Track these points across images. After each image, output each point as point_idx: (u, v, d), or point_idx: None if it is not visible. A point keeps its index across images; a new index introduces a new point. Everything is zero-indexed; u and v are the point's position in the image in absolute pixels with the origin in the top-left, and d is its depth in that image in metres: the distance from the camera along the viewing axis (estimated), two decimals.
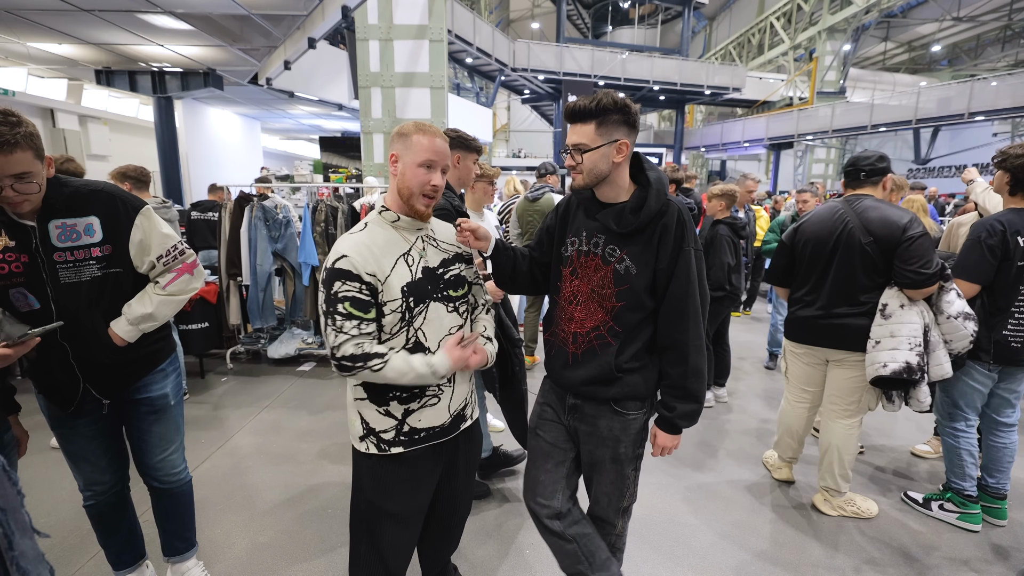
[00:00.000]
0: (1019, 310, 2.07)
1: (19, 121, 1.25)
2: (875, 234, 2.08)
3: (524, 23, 25.36)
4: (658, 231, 1.33)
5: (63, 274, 1.42)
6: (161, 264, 1.58)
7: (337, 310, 1.21)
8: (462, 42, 12.33)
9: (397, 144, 1.31)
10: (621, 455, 1.47)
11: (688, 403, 1.39)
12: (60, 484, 2.51)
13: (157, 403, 1.66)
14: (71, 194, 1.43)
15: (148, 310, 1.54)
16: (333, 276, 1.23)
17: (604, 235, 1.38)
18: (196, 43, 6.11)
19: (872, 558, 2.10)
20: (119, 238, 1.49)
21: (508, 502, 2.45)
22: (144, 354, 1.61)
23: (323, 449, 2.96)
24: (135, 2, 4.71)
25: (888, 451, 3.00)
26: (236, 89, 8.46)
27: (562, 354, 1.47)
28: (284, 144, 17.09)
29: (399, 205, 1.33)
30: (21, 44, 6.20)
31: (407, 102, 8.00)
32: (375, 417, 1.33)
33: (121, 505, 1.75)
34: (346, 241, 1.27)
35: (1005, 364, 2.13)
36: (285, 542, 2.17)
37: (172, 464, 1.74)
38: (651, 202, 1.33)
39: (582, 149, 1.33)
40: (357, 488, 1.40)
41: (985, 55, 21.36)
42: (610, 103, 1.29)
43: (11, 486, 0.87)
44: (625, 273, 1.35)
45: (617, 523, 1.57)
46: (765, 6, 22.24)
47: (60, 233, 1.41)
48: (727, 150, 21.68)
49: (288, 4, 4.98)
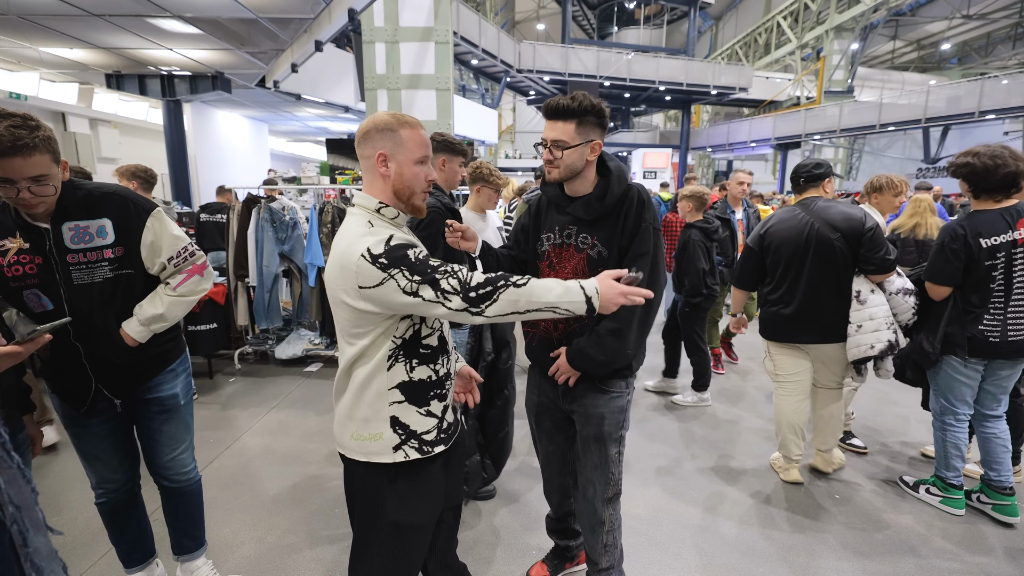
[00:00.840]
0: (994, 306, 2.16)
1: (38, 125, 1.28)
2: (840, 229, 2.33)
3: (529, 24, 25.40)
4: (623, 212, 1.46)
5: (76, 275, 1.44)
6: (172, 265, 1.60)
7: (429, 263, 1.10)
8: (468, 44, 12.37)
9: (381, 140, 1.18)
10: (604, 433, 1.57)
11: (596, 351, 1.46)
12: (72, 483, 2.54)
13: (167, 403, 1.68)
14: (84, 196, 1.46)
15: (159, 311, 1.56)
16: (397, 250, 1.09)
17: (575, 226, 1.51)
18: (205, 47, 6.18)
19: (882, 565, 2.08)
20: (131, 240, 1.52)
21: (515, 503, 2.45)
22: (154, 354, 1.63)
23: (330, 449, 2.97)
24: (145, 7, 4.77)
25: (897, 450, 2.97)
26: (244, 92, 8.54)
27: (545, 342, 1.60)
28: (291, 146, 17.22)
29: (396, 204, 1.23)
30: (33, 49, 6.29)
31: (413, 104, 8.03)
32: (417, 419, 1.22)
33: (132, 503, 1.77)
34: (366, 238, 1.12)
35: (984, 357, 2.22)
36: (293, 541, 2.18)
37: (182, 463, 1.76)
38: (614, 188, 1.46)
39: (561, 146, 1.42)
40: (374, 511, 1.24)
41: (996, 53, 21.13)
42: (589, 105, 1.40)
43: (25, 484, 0.88)
44: (598, 257, 1.47)
45: (606, 518, 1.63)
46: (772, 5, 22.13)
47: (74, 235, 1.43)
48: (733, 150, 21.58)
49: (295, 8, 5.02)
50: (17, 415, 1.52)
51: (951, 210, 8.27)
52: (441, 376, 1.28)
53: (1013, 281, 2.12)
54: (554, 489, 1.84)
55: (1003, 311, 2.13)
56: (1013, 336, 2.13)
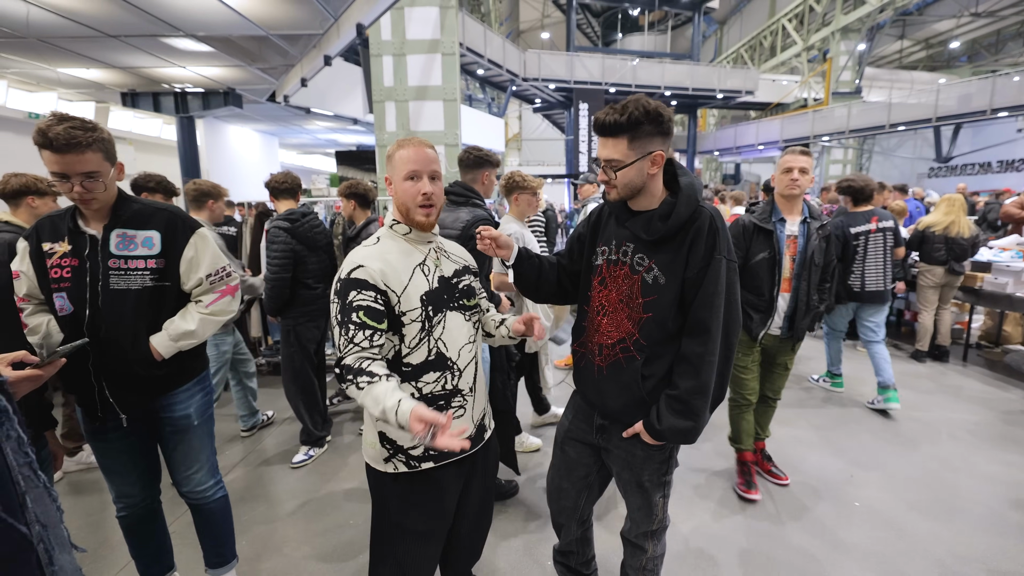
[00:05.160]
0: (855, 271, 3.51)
1: (94, 127, 1.40)
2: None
3: (534, 33, 25.59)
4: (689, 239, 1.26)
5: (113, 279, 1.49)
6: (208, 282, 1.63)
7: (351, 319, 1.20)
8: (473, 54, 12.48)
9: (388, 166, 1.35)
10: (645, 482, 1.43)
11: (684, 419, 1.28)
12: (90, 497, 2.56)
13: (179, 423, 1.68)
14: (138, 210, 1.55)
15: (191, 327, 1.58)
16: (348, 286, 1.22)
17: (633, 243, 1.34)
18: (217, 64, 6.30)
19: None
20: (173, 253, 1.57)
21: (532, 511, 2.44)
22: (168, 373, 1.61)
23: (345, 460, 2.98)
24: (159, 27, 4.88)
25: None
26: (255, 107, 8.68)
27: (590, 367, 1.44)
28: (301, 159, 17.43)
29: (405, 221, 1.35)
30: (51, 70, 6.46)
31: (420, 115, 8.10)
32: (401, 435, 1.30)
33: (151, 518, 1.78)
34: (360, 252, 1.28)
35: (853, 301, 3.58)
36: (309, 552, 2.18)
37: (197, 482, 1.76)
38: (680, 208, 1.26)
39: (615, 166, 1.27)
40: (380, 512, 1.38)
41: (1006, 50, 20.86)
42: (641, 115, 1.21)
43: (51, 502, 0.89)
44: (653, 283, 1.29)
45: (648, 548, 1.53)
46: (776, 8, 22.09)
47: (120, 242, 1.50)
48: (741, 153, 21.46)
49: (305, 24, 5.11)
50: (39, 431, 1.54)
51: (972, 209, 8.16)
52: (427, 395, 1.30)
53: (868, 255, 3.47)
54: (559, 525, 1.69)
55: (862, 273, 3.49)
56: (869, 288, 3.49)
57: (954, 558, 2.10)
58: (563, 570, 1.75)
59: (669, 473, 1.45)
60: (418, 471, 1.32)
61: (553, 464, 1.64)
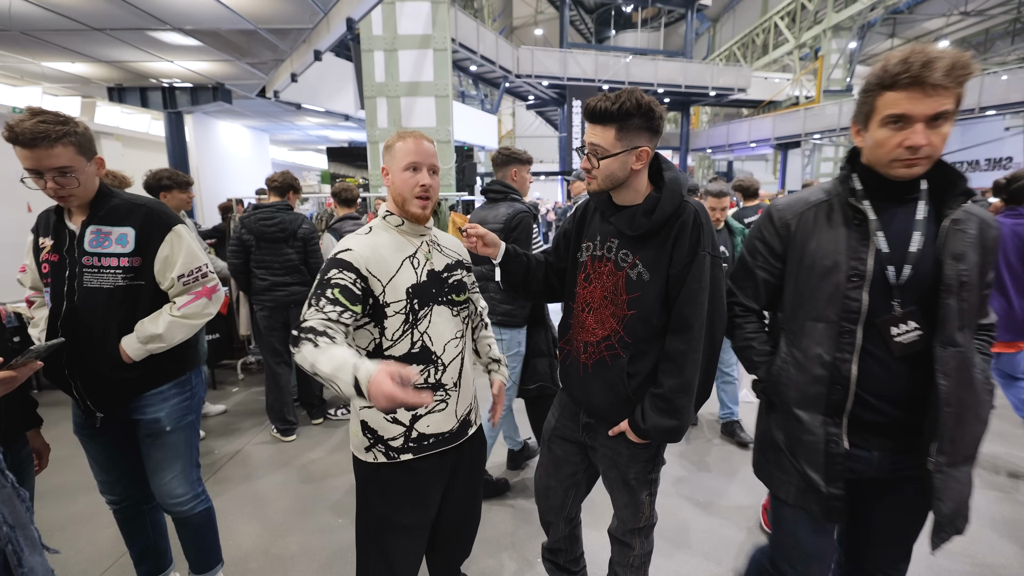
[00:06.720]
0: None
1: (65, 121, 1.36)
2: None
3: (527, 30, 25.52)
4: (673, 234, 1.25)
5: (87, 278, 1.46)
6: (181, 283, 1.56)
7: (325, 293, 1.17)
8: (466, 50, 12.42)
9: (385, 157, 1.36)
10: (631, 480, 1.42)
11: (669, 418, 1.26)
12: (76, 496, 2.53)
13: (150, 427, 1.60)
14: (115, 205, 1.51)
15: (158, 331, 1.51)
16: (331, 264, 1.22)
17: (617, 239, 1.32)
18: (205, 58, 6.22)
19: None
20: (149, 251, 1.52)
21: (521, 508, 2.43)
22: (139, 375, 1.54)
23: (333, 458, 2.96)
24: (145, 20, 4.80)
25: None
26: (244, 102, 8.60)
27: (575, 364, 1.43)
28: (292, 155, 17.29)
29: (399, 212, 1.35)
30: (36, 64, 6.35)
31: (412, 111, 8.05)
32: (382, 424, 1.30)
33: (136, 519, 1.75)
34: (351, 238, 1.29)
35: None
36: (297, 551, 2.16)
37: (170, 491, 1.65)
38: (664, 204, 1.25)
39: (599, 154, 1.25)
40: (364, 505, 1.38)
41: (995, 49, 21.08)
42: (633, 107, 1.20)
43: (20, 503, 0.87)
44: (637, 280, 1.28)
45: (636, 545, 1.52)
46: (769, 6, 22.17)
47: (93, 239, 1.47)
48: (733, 151, 21.58)
49: (294, 18, 5.05)
50: (19, 430, 1.51)
51: None
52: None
53: None
54: (547, 523, 1.67)
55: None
56: None
57: (939, 551, 2.12)
58: (552, 568, 1.74)
59: (655, 471, 1.45)
60: (397, 462, 1.31)
61: (541, 462, 1.63)
